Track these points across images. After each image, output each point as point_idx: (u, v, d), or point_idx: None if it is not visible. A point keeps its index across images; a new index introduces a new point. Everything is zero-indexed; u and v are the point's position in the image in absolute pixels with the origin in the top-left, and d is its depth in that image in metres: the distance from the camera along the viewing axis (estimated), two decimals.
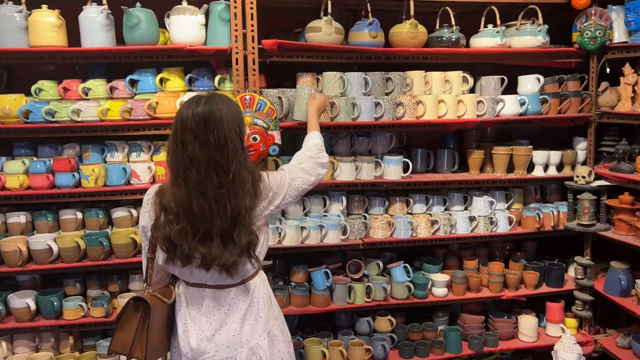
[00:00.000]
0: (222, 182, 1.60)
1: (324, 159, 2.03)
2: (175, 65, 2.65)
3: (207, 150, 1.59)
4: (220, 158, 1.60)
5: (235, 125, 1.64)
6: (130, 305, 1.75)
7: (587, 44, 2.83)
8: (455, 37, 2.77)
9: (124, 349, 1.73)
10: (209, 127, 1.59)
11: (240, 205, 1.62)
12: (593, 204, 2.85)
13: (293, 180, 1.88)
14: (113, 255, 2.62)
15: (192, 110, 1.61)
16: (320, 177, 2.00)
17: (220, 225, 1.61)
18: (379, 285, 2.77)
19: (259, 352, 1.76)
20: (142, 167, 2.62)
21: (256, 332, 1.77)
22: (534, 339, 2.93)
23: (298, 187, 1.89)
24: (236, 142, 1.63)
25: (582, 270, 2.96)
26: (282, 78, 2.89)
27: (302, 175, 1.92)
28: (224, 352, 1.74)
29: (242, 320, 1.76)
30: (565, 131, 3.20)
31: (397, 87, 2.76)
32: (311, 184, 1.95)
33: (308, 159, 2.00)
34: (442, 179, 2.86)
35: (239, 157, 1.63)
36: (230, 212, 1.61)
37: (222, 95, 1.70)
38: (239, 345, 1.75)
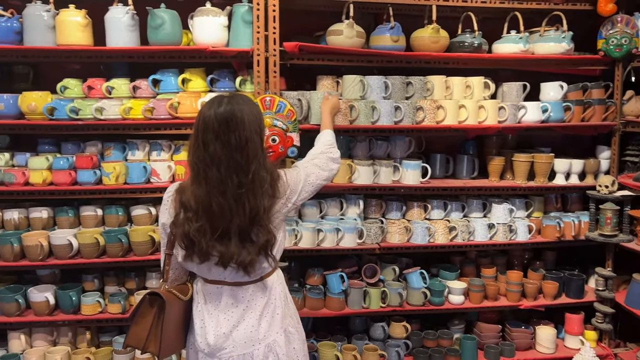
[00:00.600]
0: (242, 182, 1.62)
1: (335, 154, 2.06)
2: (198, 66, 2.68)
3: (228, 150, 1.60)
4: (241, 158, 1.61)
5: (256, 125, 1.66)
6: (145, 301, 1.76)
7: (613, 51, 2.78)
8: (477, 42, 2.75)
9: (138, 343, 1.74)
10: (231, 127, 1.60)
11: (259, 205, 1.63)
12: (616, 214, 2.79)
13: (308, 176, 1.89)
14: (131, 252, 2.65)
15: (214, 110, 1.62)
16: (334, 173, 2.02)
17: (239, 224, 1.63)
18: (395, 290, 2.75)
19: (275, 349, 1.77)
20: (162, 166, 2.65)
21: (273, 329, 1.78)
22: (552, 350, 2.88)
23: (313, 183, 1.90)
24: (256, 143, 1.65)
25: (603, 282, 2.90)
26: (302, 81, 2.90)
27: (316, 170, 1.93)
28: (241, 348, 1.74)
29: (260, 316, 1.77)
30: (588, 139, 3.14)
31: (417, 92, 2.75)
32: (325, 179, 1.96)
33: (320, 154, 2.02)
34: (461, 185, 2.84)
35: (258, 157, 1.65)
36: (249, 211, 1.62)
37: (244, 96, 1.72)
38: (257, 341, 1.75)
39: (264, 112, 2.49)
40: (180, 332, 1.82)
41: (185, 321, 1.83)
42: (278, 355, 1.77)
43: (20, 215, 2.65)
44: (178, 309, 1.78)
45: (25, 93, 2.54)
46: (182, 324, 1.82)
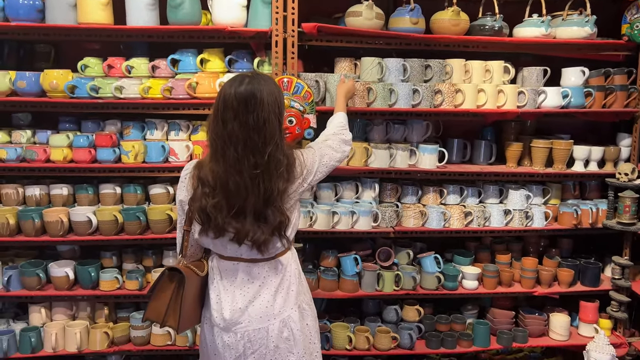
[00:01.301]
0: (258, 163, 1.63)
1: (347, 136, 2.09)
2: (216, 46, 2.68)
3: (246, 130, 1.62)
4: (258, 139, 1.62)
5: (275, 107, 1.66)
6: (165, 275, 1.79)
7: (637, 36, 2.72)
8: (498, 25, 2.71)
9: (158, 317, 1.78)
10: (250, 108, 1.61)
11: (274, 187, 1.65)
12: (635, 203, 2.75)
13: (322, 157, 1.92)
14: (149, 230, 2.69)
15: (234, 89, 1.63)
16: (345, 155, 2.06)
17: (254, 203, 1.65)
18: (409, 274, 2.76)
19: (290, 324, 1.80)
20: (180, 146, 2.67)
21: (288, 305, 1.81)
22: (565, 337, 2.87)
23: (327, 164, 1.93)
24: (274, 124, 1.65)
25: (619, 271, 2.87)
26: (320, 64, 2.89)
27: (330, 152, 1.96)
28: (256, 322, 1.77)
29: (275, 292, 1.80)
30: (607, 127, 3.10)
31: (436, 75, 2.73)
32: (337, 161, 1.99)
33: (333, 135, 2.06)
34: (478, 170, 2.82)
35: (275, 139, 1.65)
36: (263, 192, 1.64)
37: (266, 76, 1.71)
38: (272, 317, 1.78)
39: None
40: (197, 307, 1.86)
41: (201, 296, 1.87)
42: (292, 330, 1.80)
43: (42, 192, 2.69)
44: (195, 284, 1.81)
45: (47, 71, 2.57)
46: (199, 299, 1.86)
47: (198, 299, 1.86)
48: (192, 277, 1.79)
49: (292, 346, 1.81)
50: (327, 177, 2.82)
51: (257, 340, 1.79)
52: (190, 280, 1.77)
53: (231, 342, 1.79)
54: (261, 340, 1.79)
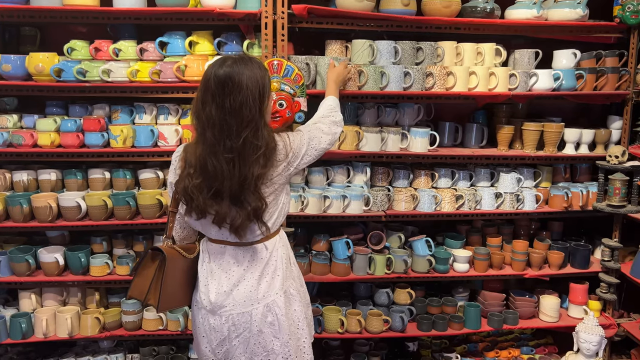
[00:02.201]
0: (232, 147, 1.61)
1: (337, 117, 2.08)
2: (205, 28, 2.64)
3: (222, 113, 1.60)
4: (234, 122, 1.60)
5: (256, 91, 1.62)
6: (147, 255, 1.81)
7: (629, 18, 2.71)
8: (490, 7, 2.69)
9: (140, 295, 1.81)
10: (226, 91, 1.60)
11: (248, 172, 1.62)
12: (625, 185, 2.77)
13: (311, 139, 1.89)
14: (139, 215, 2.67)
15: (214, 71, 1.63)
16: (336, 137, 2.04)
17: (230, 187, 1.64)
18: (400, 257, 2.76)
19: (274, 309, 1.79)
20: (170, 130, 2.64)
21: (272, 290, 1.80)
22: (555, 319, 2.90)
23: (316, 147, 1.90)
24: (252, 109, 1.62)
25: (609, 253, 2.90)
26: (310, 47, 2.87)
27: (319, 134, 1.94)
28: (240, 306, 1.77)
29: (260, 277, 1.79)
30: (598, 110, 3.10)
31: (427, 58, 2.71)
32: (329, 143, 1.97)
33: (322, 118, 2.05)
34: (469, 154, 2.82)
35: (253, 123, 1.62)
36: (238, 176, 1.62)
37: (251, 59, 1.68)
38: (255, 301, 1.77)
39: (271, 75, 2.47)
40: (183, 289, 1.86)
41: (189, 278, 1.87)
42: (277, 315, 1.79)
43: (29, 177, 2.66)
44: (181, 265, 1.81)
45: (33, 54, 2.53)
46: (186, 281, 1.86)
47: (184, 281, 1.86)
48: (177, 258, 1.80)
49: (277, 331, 1.79)
50: (318, 162, 2.82)
51: (242, 324, 1.78)
52: (174, 261, 1.78)
53: (216, 325, 1.80)
54: (245, 324, 1.78)
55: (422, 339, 3.08)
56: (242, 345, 1.80)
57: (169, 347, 2.84)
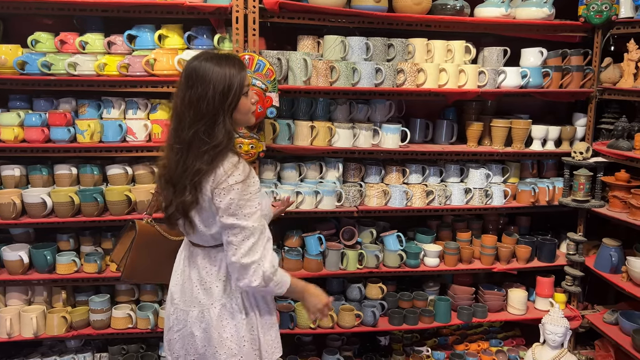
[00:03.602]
0: (181, 139, 1.61)
1: (247, 277, 1.63)
2: (175, 22, 2.60)
3: (181, 105, 1.61)
4: (188, 115, 1.59)
5: (220, 87, 1.58)
6: (128, 225, 1.99)
7: (593, 17, 2.79)
8: (459, 5, 2.72)
9: (117, 259, 2.01)
10: (189, 83, 1.60)
11: (189, 164, 1.60)
12: (589, 180, 2.85)
13: (241, 208, 1.59)
14: (107, 212, 2.62)
15: (187, 64, 1.65)
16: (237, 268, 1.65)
17: (174, 176, 1.64)
18: (372, 252, 2.78)
19: (207, 318, 1.72)
20: (139, 125, 2.60)
21: (209, 298, 1.73)
22: (522, 312, 2.97)
23: (232, 217, 1.60)
24: (211, 105, 1.58)
25: (574, 246, 2.98)
26: (283, 42, 2.86)
27: (232, 221, 1.60)
28: (183, 304, 1.77)
29: (199, 281, 1.74)
30: (565, 107, 3.18)
31: (398, 54, 2.73)
32: (224, 237, 1.65)
33: (238, 258, 1.62)
34: (439, 150, 2.85)
35: (207, 119, 1.58)
36: (181, 167, 1.62)
37: (230, 57, 1.65)
38: (193, 304, 1.74)
39: None
40: (158, 266, 1.91)
41: (170, 259, 1.89)
42: (208, 325, 1.72)
43: None
44: (160, 244, 1.89)
45: None
46: (165, 260, 1.90)
47: (163, 259, 1.90)
48: (152, 235, 1.90)
49: (207, 340, 1.73)
50: (291, 157, 2.85)
51: (181, 321, 1.77)
52: (147, 236, 1.89)
53: (168, 314, 1.82)
54: (184, 322, 1.77)
55: (394, 333, 3.11)
56: (180, 341, 1.78)
57: (139, 346, 2.80)
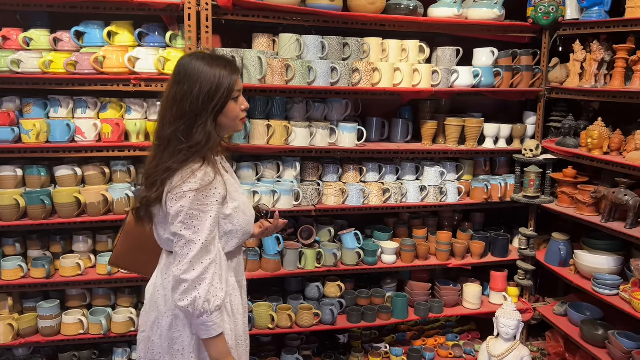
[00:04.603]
0: (160, 136, 1.59)
1: (183, 299, 1.54)
2: (125, 18, 2.54)
3: (166, 101, 1.59)
4: (170, 112, 1.57)
5: (206, 87, 1.54)
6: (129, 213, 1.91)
7: (541, 19, 2.87)
8: (413, 5, 2.76)
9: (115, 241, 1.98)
10: (176, 79, 1.58)
11: (162, 163, 1.56)
12: (539, 177, 2.94)
13: (175, 216, 1.53)
14: (55, 214, 2.53)
15: (178, 61, 1.62)
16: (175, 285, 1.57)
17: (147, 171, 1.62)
18: (330, 251, 2.79)
19: (159, 326, 1.68)
20: (88, 124, 2.52)
21: (164, 306, 1.67)
22: (477, 306, 3.04)
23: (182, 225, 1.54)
24: (194, 104, 1.54)
25: (525, 241, 3.07)
26: (238, 40, 2.82)
27: (179, 230, 1.54)
28: (147, 306, 1.74)
29: (162, 286, 1.70)
30: (517, 106, 3.27)
31: (354, 53, 2.74)
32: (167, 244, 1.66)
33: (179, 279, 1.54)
34: (395, 148, 2.88)
35: (187, 118, 1.54)
36: (155, 163, 1.59)
37: (221, 58, 1.61)
38: (152, 308, 1.71)
39: None
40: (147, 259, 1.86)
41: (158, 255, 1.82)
42: (162, 334, 1.67)
43: None
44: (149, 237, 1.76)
45: None
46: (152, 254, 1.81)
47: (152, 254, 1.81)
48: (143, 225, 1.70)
49: (159, 348, 1.68)
50: (247, 157, 2.83)
51: (144, 322, 1.75)
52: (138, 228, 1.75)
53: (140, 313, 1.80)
54: (145, 324, 1.74)
55: (353, 331, 3.13)
56: (142, 343, 1.75)
57: (91, 352, 2.71)
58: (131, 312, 2.66)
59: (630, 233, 2.47)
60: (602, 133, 2.67)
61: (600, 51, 2.71)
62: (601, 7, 2.73)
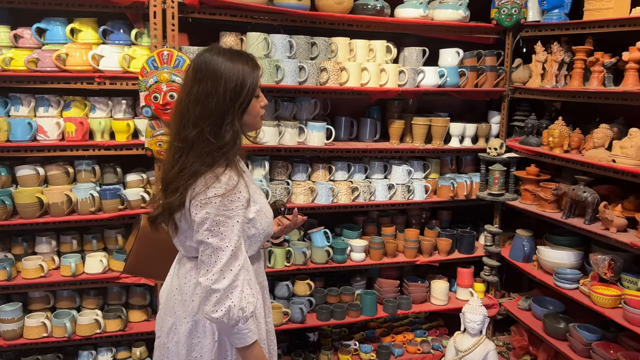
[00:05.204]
0: (187, 137, 1.49)
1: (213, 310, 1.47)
2: (89, 15, 2.49)
3: (188, 100, 1.50)
4: (194, 112, 1.48)
5: (231, 84, 1.48)
6: (138, 219, 1.96)
7: (504, 20, 2.94)
8: (380, 5, 2.79)
9: (127, 249, 2.00)
10: (197, 77, 1.50)
11: (188, 164, 1.50)
12: (503, 175, 3.01)
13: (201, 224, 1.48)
14: (17, 215, 2.47)
15: (197, 56, 1.54)
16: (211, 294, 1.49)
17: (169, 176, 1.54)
18: (299, 250, 2.80)
19: (178, 332, 1.64)
20: (50, 123, 2.47)
21: (182, 312, 1.63)
22: (444, 302, 3.09)
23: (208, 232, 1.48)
24: (220, 103, 1.48)
25: (491, 238, 3.13)
26: (207, 38, 2.80)
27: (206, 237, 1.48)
28: (162, 311, 1.71)
29: (179, 291, 1.66)
30: (483, 105, 3.33)
31: (322, 53, 2.76)
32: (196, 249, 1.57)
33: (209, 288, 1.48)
34: (363, 147, 2.91)
35: (215, 118, 1.48)
36: (179, 166, 1.51)
37: (242, 53, 1.55)
38: (169, 313, 1.67)
39: (160, 66, 2.39)
40: (160, 263, 1.85)
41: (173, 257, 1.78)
42: (179, 340, 1.64)
43: None
44: (162, 240, 1.76)
45: None
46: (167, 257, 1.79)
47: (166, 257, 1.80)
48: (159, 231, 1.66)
49: (179, 355, 1.64)
50: None
51: (159, 328, 1.72)
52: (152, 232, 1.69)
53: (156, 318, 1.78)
54: (160, 331, 1.71)
55: (322, 329, 3.14)
56: (158, 349, 1.72)
57: (55, 355, 2.65)
58: (97, 313, 2.61)
59: (589, 228, 2.55)
60: (562, 132, 2.75)
61: (561, 52, 2.79)
62: (561, 10, 2.81)
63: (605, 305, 2.45)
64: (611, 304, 2.44)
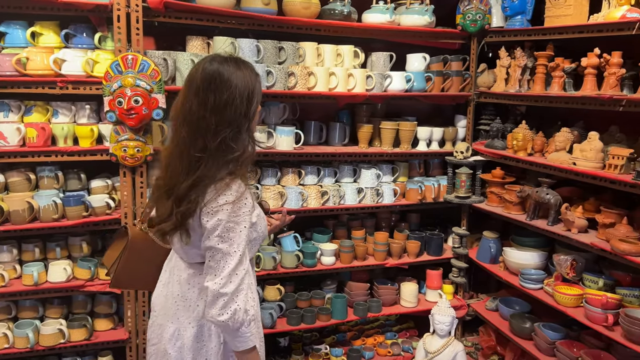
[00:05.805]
0: (207, 146, 1.49)
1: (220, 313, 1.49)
2: (51, 18, 2.44)
3: (203, 110, 1.50)
4: (214, 121, 1.49)
5: (245, 92, 1.51)
6: (121, 231, 1.93)
7: (469, 26, 3.00)
8: (347, 10, 2.81)
9: (108, 264, 1.92)
10: (212, 87, 1.50)
11: (207, 175, 1.50)
12: (469, 178, 3.06)
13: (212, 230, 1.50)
14: None
15: (202, 67, 1.53)
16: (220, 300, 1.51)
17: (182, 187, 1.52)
18: (269, 254, 2.79)
19: (182, 337, 1.65)
20: (10, 128, 2.40)
21: (187, 316, 1.65)
22: (414, 304, 3.12)
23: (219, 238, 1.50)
24: (238, 110, 1.51)
25: (458, 240, 3.18)
26: (173, 43, 2.78)
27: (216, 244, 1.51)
28: (161, 318, 1.70)
29: (182, 298, 1.66)
30: (450, 110, 3.39)
31: (289, 57, 2.76)
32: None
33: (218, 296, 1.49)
34: (332, 151, 2.92)
35: (235, 125, 1.51)
36: (196, 177, 1.50)
37: (243, 61, 1.58)
38: (170, 318, 1.67)
39: (125, 71, 2.36)
40: (149, 274, 1.83)
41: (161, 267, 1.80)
42: (183, 343, 1.65)
43: None
44: (151, 251, 1.80)
45: None
46: (155, 267, 1.81)
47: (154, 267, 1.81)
48: (146, 241, 1.78)
49: (177, 359, 1.65)
50: None
51: (157, 335, 1.71)
52: (139, 243, 1.80)
53: (148, 325, 1.78)
54: (159, 337, 1.70)
55: (293, 333, 3.14)
56: (154, 356, 1.71)
57: None
58: (61, 323, 2.55)
59: (552, 230, 2.62)
60: (526, 135, 2.82)
61: (523, 58, 2.86)
62: (523, 16, 2.88)
63: (568, 305, 2.51)
64: (573, 303, 2.50)
